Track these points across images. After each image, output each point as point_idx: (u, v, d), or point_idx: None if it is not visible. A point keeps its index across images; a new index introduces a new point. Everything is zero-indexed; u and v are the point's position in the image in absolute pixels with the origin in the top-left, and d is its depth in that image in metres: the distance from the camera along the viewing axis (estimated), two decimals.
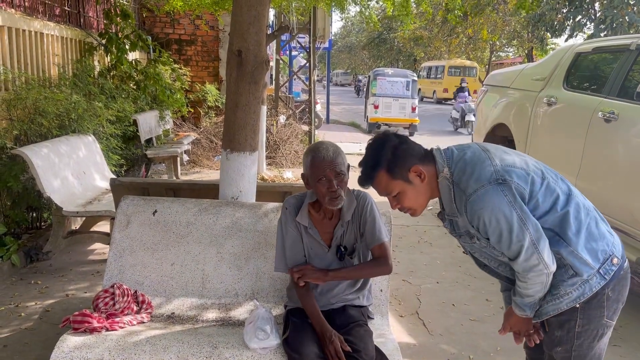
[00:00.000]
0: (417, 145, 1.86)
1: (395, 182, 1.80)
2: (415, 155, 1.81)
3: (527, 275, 1.71)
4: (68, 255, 4.39)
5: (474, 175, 1.72)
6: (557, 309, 1.76)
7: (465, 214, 1.75)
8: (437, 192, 1.83)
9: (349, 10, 32.82)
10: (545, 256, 1.67)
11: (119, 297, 2.36)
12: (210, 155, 8.80)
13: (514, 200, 1.67)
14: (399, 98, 14.62)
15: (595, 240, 1.73)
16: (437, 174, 1.81)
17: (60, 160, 4.29)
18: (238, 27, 2.74)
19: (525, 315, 1.82)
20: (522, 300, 1.80)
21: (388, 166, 1.78)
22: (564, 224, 1.72)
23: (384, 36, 40.13)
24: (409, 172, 1.79)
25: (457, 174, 1.77)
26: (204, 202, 2.74)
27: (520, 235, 1.66)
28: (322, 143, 2.18)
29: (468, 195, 1.71)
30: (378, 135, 1.88)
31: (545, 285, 1.73)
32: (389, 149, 1.79)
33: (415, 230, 5.56)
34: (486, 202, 1.68)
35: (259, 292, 2.60)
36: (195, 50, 10.11)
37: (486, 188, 1.68)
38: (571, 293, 1.73)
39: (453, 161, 1.80)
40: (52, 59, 5.68)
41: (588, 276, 1.71)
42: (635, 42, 4.27)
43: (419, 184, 1.80)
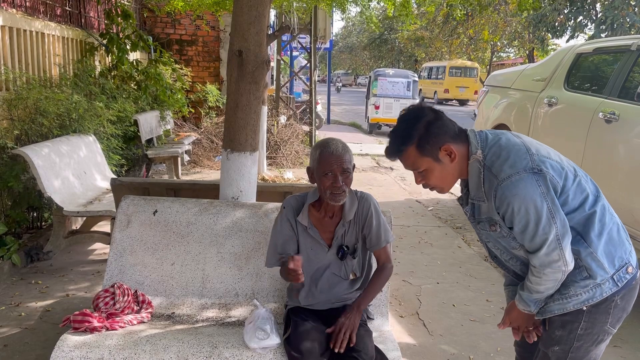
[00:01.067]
0: (452, 122, 1.78)
1: (424, 159, 1.75)
2: (448, 133, 1.74)
3: (543, 270, 1.67)
4: (68, 255, 4.39)
5: (508, 161, 1.67)
6: (564, 308, 1.74)
7: (493, 200, 1.69)
8: (466, 173, 1.78)
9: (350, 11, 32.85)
10: (567, 254, 1.64)
11: (119, 296, 2.36)
12: (211, 156, 8.80)
13: (547, 191, 1.63)
14: (400, 98, 14.63)
15: (614, 246, 1.71)
16: (469, 155, 1.75)
17: (61, 160, 4.30)
18: (239, 27, 2.74)
19: (529, 311, 1.80)
20: (529, 295, 1.77)
21: (419, 142, 1.72)
22: (588, 224, 1.69)
23: (385, 37, 40.14)
24: (440, 150, 1.72)
25: (490, 157, 1.71)
26: (205, 202, 2.75)
27: (547, 228, 1.62)
28: (331, 139, 2.18)
29: (500, 181, 1.65)
30: (414, 107, 1.80)
31: (558, 283, 1.70)
32: (423, 124, 1.72)
33: (416, 231, 5.56)
34: (519, 189, 1.62)
35: (259, 291, 2.60)
36: (196, 51, 10.12)
37: (521, 175, 1.63)
38: (581, 295, 1.70)
39: (487, 144, 1.74)
40: (53, 59, 5.69)
41: (601, 280, 1.68)
42: (636, 42, 4.27)
43: (448, 163, 1.74)
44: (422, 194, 7.44)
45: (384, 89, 14.78)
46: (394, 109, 14.59)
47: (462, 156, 1.76)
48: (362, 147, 11.60)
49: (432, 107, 1.79)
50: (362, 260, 2.31)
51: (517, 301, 1.82)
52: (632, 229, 3.79)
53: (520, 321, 1.86)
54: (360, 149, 11.32)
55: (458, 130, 1.78)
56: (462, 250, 5.02)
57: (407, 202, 6.86)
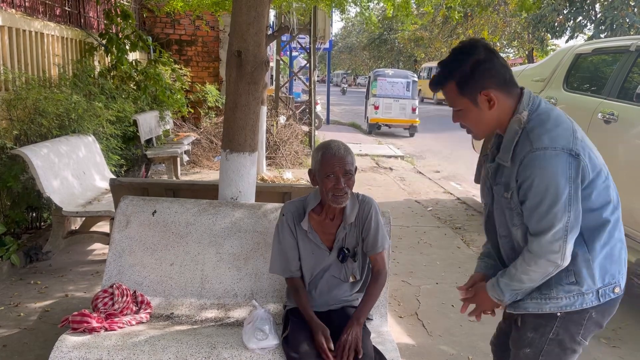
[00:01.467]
0: (505, 68, 1.67)
1: (462, 99, 1.68)
2: (495, 78, 1.64)
3: (538, 259, 1.59)
4: (68, 255, 4.39)
5: (551, 133, 1.57)
6: (540, 309, 1.68)
7: (518, 165, 1.60)
8: (504, 127, 1.68)
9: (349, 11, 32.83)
10: (568, 249, 1.57)
11: (118, 297, 2.36)
12: (210, 156, 8.80)
13: (575, 178, 1.55)
14: (399, 99, 14.64)
15: (611, 263, 1.66)
16: (513, 111, 1.66)
17: (60, 160, 4.29)
18: (238, 28, 2.74)
19: (500, 300, 1.73)
20: (508, 283, 1.68)
21: (460, 80, 1.65)
22: (597, 231, 1.63)
23: (384, 37, 40.16)
24: (479, 94, 1.64)
25: (535, 123, 1.61)
26: (203, 202, 2.74)
27: (560, 214, 1.54)
28: (333, 141, 2.17)
29: (535, 149, 1.56)
30: (469, 42, 1.70)
31: (544, 277, 1.63)
32: (470, 63, 1.63)
33: (415, 231, 5.56)
34: (549, 164, 1.54)
35: (258, 292, 2.60)
36: (195, 51, 10.12)
37: (557, 152, 1.54)
38: (561, 299, 1.65)
39: (536, 109, 1.64)
40: (52, 59, 5.69)
41: (586, 290, 1.63)
42: (635, 43, 4.27)
43: (485, 109, 1.66)
44: (422, 194, 7.45)
45: (383, 90, 14.80)
46: (394, 109, 14.61)
47: (504, 108, 1.66)
48: (362, 148, 11.61)
49: (488, 45, 1.68)
50: (362, 263, 2.31)
51: (491, 287, 1.74)
52: (631, 229, 3.79)
53: (487, 306, 1.80)
54: (360, 149, 11.33)
55: (509, 79, 1.67)
56: (461, 251, 5.02)
57: (406, 203, 6.86)
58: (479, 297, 1.81)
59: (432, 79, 1.74)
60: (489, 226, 1.85)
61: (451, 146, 13.07)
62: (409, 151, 12.08)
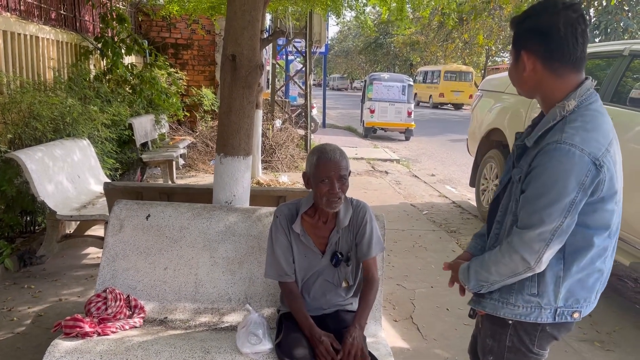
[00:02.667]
0: (571, 46, 1.50)
1: (512, 49, 1.61)
2: (544, 48, 1.51)
3: (513, 254, 1.52)
4: (62, 259, 4.37)
5: (587, 134, 1.46)
6: (495, 311, 1.65)
7: (539, 150, 1.51)
8: (547, 107, 1.58)
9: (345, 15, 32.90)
10: (546, 255, 1.49)
11: (111, 301, 2.36)
12: (206, 159, 8.79)
13: (587, 187, 1.46)
14: (395, 102, 14.66)
15: (581, 289, 1.59)
16: (560, 95, 1.54)
17: (55, 164, 4.28)
18: (232, 32, 2.74)
19: (465, 284, 1.70)
20: (478, 271, 1.64)
21: (516, 30, 1.58)
22: (580, 253, 1.55)
23: (380, 41, 40.31)
24: (520, 53, 1.56)
25: (577, 116, 1.50)
26: (198, 206, 2.74)
27: (555, 215, 1.45)
28: (329, 145, 2.17)
29: (562, 141, 1.45)
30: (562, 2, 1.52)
31: (511, 277, 1.56)
32: (540, 19, 1.51)
33: (411, 235, 5.56)
34: (568, 161, 1.44)
35: (252, 296, 2.59)
36: (191, 55, 10.12)
37: (582, 154, 1.44)
38: (518, 307, 1.61)
39: (588, 106, 1.52)
40: (47, 63, 5.68)
41: (545, 305, 1.58)
42: (628, 48, 4.30)
43: (521, 70, 1.58)
44: (417, 197, 7.45)
45: (379, 93, 14.82)
46: (389, 113, 14.63)
47: (546, 85, 1.56)
48: (358, 151, 11.62)
49: (571, 17, 1.49)
50: (355, 267, 2.31)
51: (462, 271, 1.71)
52: (625, 233, 3.81)
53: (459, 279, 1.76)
54: (356, 152, 11.34)
55: (569, 59, 1.51)
56: (456, 254, 4.98)
57: (401, 206, 6.86)
58: (455, 271, 1.79)
59: (516, 17, 1.62)
60: (494, 206, 1.77)
61: (447, 150, 13.11)
62: (404, 155, 12.10)
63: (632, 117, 3.91)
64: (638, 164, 3.75)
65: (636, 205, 3.70)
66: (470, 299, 1.75)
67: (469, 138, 6.97)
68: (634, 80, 4.25)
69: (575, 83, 1.55)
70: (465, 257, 1.83)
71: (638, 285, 4.60)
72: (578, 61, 1.53)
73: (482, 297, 1.69)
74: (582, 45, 1.51)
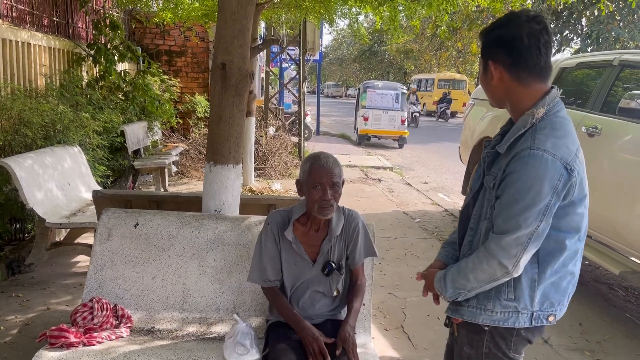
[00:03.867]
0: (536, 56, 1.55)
1: (481, 59, 1.65)
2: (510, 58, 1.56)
3: (491, 259, 1.53)
4: (51, 267, 4.33)
5: (557, 140, 1.51)
6: (473, 318, 1.66)
7: (512, 157, 1.54)
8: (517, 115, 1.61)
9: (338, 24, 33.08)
10: (523, 259, 1.52)
11: (97, 311, 2.33)
12: (199, 167, 8.77)
13: (560, 191, 1.50)
14: (389, 110, 14.71)
15: (555, 292, 1.62)
16: (528, 104, 1.58)
17: (45, 171, 4.26)
18: (222, 40, 2.75)
19: (441, 294, 1.69)
20: (455, 279, 1.63)
21: (483, 40, 1.62)
22: (553, 256, 1.58)
23: (374, 49, 40.50)
24: (487, 62, 1.60)
25: (546, 124, 1.54)
26: (186, 214, 2.73)
27: (531, 220, 1.49)
28: (322, 153, 2.18)
29: (534, 147, 1.49)
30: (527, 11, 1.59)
31: (489, 283, 1.57)
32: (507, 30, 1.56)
33: (402, 243, 5.56)
34: (540, 166, 1.48)
35: (240, 306, 2.58)
36: (185, 62, 10.12)
37: (554, 159, 1.48)
38: (496, 313, 1.62)
39: (555, 113, 1.57)
40: (39, 70, 5.66)
41: (522, 309, 1.60)
42: (618, 57, 4.34)
43: (490, 80, 1.62)
44: (409, 205, 7.46)
45: (373, 101, 14.87)
46: (383, 120, 14.68)
47: (511, 89, 1.60)
48: (351, 159, 11.63)
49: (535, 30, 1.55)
50: (345, 276, 2.31)
51: (437, 280, 1.70)
52: (614, 241, 3.82)
53: (432, 288, 1.76)
54: (349, 160, 11.35)
55: (534, 69, 1.57)
56: None
57: (394, 214, 6.87)
58: (428, 281, 1.78)
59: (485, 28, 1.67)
60: (465, 213, 1.79)
61: (439, 158, 13.15)
62: (397, 162, 12.12)
63: (622, 127, 3.93)
64: (627, 173, 3.77)
65: (625, 215, 3.72)
66: (447, 308, 1.75)
67: (462, 146, 6.99)
68: (624, 90, 4.28)
69: (541, 92, 1.60)
70: (436, 266, 1.83)
71: (628, 294, 4.61)
72: (543, 71, 1.59)
73: (459, 305, 1.69)
74: (545, 56, 1.57)
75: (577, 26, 20.60)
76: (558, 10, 19.04)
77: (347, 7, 6.91)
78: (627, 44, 19.15)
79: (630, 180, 3.74)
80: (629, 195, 3.73)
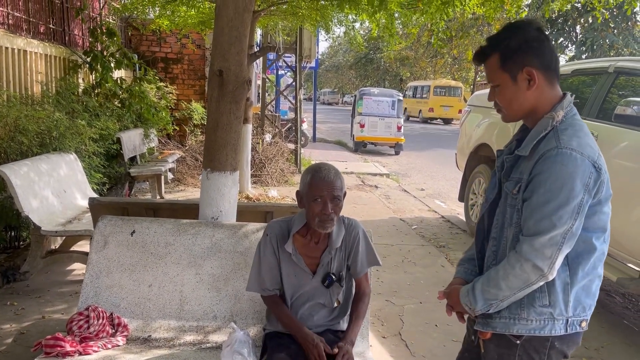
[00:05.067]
0: (552, 55, 1.59)
1: (501, 74, 1.60)
2: (540, 59, 1.56)
3: (524, 262, 1.49)
4: (46, 275, 4.30)
5: (581, 140, 1.51)
6: (507, 329, 1.59)
7: (537, 158, 1.52)
8: (535, 120, 1.61)
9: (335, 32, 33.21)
10: (558, 260, 1.48)
11: (93, 319, 2.31)
12: (195, 174, 8.75)
13: (591, 189, 1.48)
14: (385, 117, 14.74)
15: (586, 295, 1.59)
16: (549, 107, 1.59)
17: (40, 178, 4.23)
18: (219, 47, 2.75)
19: (471, 308, 1.61)
20: (484, 289, 1.58)
21: (504, 52, 1.58)
22: (583, 257, 1.55)
23: (370, 56, 40.66)
24: (521, 71, 1.57)
25: (566, 126, 1.54)
26: (183, 222, 2.71)
27: (565, 218, 1.46)
28: (324, 164, 2.13)
29: (561, 146, 1.48)
30: (522, 20, 1.66)
31: (524, 289, 1.52)
32: (519, 38, 1.57)
33: (400, 250, 5.55)
34: (571, 164, 1.46)
35: (238, 314, 2.56)
36: (181, 69, 10.13)
37: (582, 157, 1.47)
38: (531, 321, 1.57)
39: (574, 116, 1.58)
40: (35, 77, 5.65)
41: (557, 315, 1.56)
42: (613, 64, 4.36)
43: (523, 88, 1.58)
44: (406, 212, 7.46)
45: (369, 108, 14.90)
46: (379, 127, 14.71)
47: (544, 96, 1.59)
48: (348, 166, 11.63)
49: (541, 27, 1.61)
50: (347, 287, 2.28)
51: (464, 294, 1.64)
52: (611, 248, 3.82)
53: (458, 307, 1.69)
54: (346, 167, 11.35)
55: (555, 68, 1.60)
56: (445, 270, 5.01)
57: (391, 221, 6.86)
58: (452, 298, 1.72)
59: (476, 52, 1.67)
60: (481, 226, 1.76)
61: (436, 164, 13.17)
62: (394, 169, 12.13)
63: (618, 134, 3.95)
64: (623, 179, 3.78)
65: (622, 221, 3.72)
66: (475, 322, 1.66)
67: (458, 153, 7.00)
68: (619, 96, 4.30)
69: (559, 95, 1.61)
70: (457, 283, 1.76)
71: (626, 301, 4.61)
72: (558, 69, 1.62)
73: (489, 317, 1.62)
74: (556, 55, 1.62)
75: (572, 33, 20.75)
76: (553, 18, 19.17)
77: (343, 14, 6.93)
78: (621, 51, 19.30)
79: (626, 187, 3.74)
80: (625, 202, 3.74)
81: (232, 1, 2.70)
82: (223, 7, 2.72)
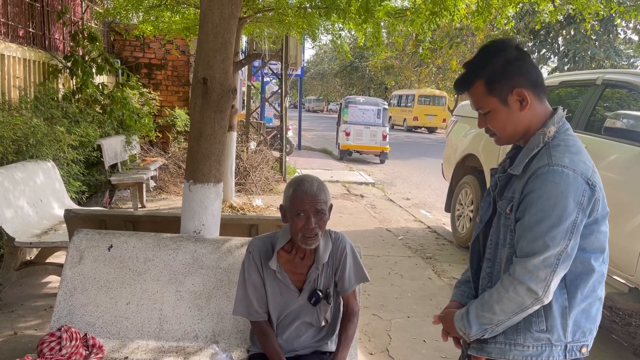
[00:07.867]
0: (536, 70, 1.56)
1: (490, 99, 1.55)
2: (527, 78, 1.53)
3: (518, 285, 1.43)
4: (20, 288, 4.13)
5: (574, 156, 1.46)
6: (502, 355, 1.53)
7: (529, 176, 1.47)
8: (527, 137, 1.56)
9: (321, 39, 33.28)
10: (553, 283, 1.42)
11: (66, 341, 2.18)
12: (178, 182, 8.59)
13: (585, 207, 1.43)
14: (370, 126, 14.74)
15: (586, 320, 1.52)
16: (541, 123, 1.55)
17: (15, 187, 4.07)
18: (204, 55, 2.64)
19: (465, 333, 1.55)
20: (479, 314, 1.52)
21: (490, 77, 1.53)
22: (582, 279, 1.49)
23: (355, 64, 40.78)
24: (511, 93, 1.52)
25: (560, 141, 1.50)
26: (164, 236, 2.59)
27: (558, 239, 1.40)
28: (307, 176, 2.01)
29: (553, 164, 1.43)
30: (498, 40, 1.59)
31: (518, 313, 1.46)
32: (500, 60, 1.53)
33: (386, 261, 5.47)
34: (563, 182, 1.41)
35: (220, 333, 2.44)
36: (165, 75, 9.98)
37: (575, 174, 1.42)
38: (528, 347, 1.50)
39: (566, 131, 1.53)
40: (12, 82, 5.47)
41: (555, 341, 1.49)
42: (601, 77, 4.35)
43: (516, 110, 1.54)
44: (392, 222, 7.39)
45: (354, 116, 14.89)
46: (365, 136, 14.70)
47: (536, 113, 1.55)
48: (333, 174, 11.56)
49: (520, 45, 1.57)
50: (334, 304, 2.17)
51: (459, 319, 1.58)
52: None
53: (453, 332, 1.63)
54: (331, 175, 11.28)
55: (541, 83, 1.56)
56: (432, 282, 4.94)
57: (377, 231, 6.78)
58: (447, 322, 1.65)
59: (457, 80, 1.62)
60: (476, 246, 1.71)
61: (421, 173, 13.16)
62: (379, 178, 12.08)
63: (606, 146, 3.92)
64: (611, 193, 3.75)
65: (611, 235, 3.67)
66: (470, 346, 1.60)
67: (444, 163, 6.97)
68: (607, 109, 4.29)
69: (549, 111, 1.58)
70: (453, 307, 1.70)
71: (612, 314, 4.58)
72: (544, 84, 1.58)
73: (484, 342, 1.56)
74: (539, 70, 1.58)
75: (554, 45, 21.04)
76: (535, 30, 19.42)
77: (329, 22, 6.88)
78: (602, 63, 19.60)
79: (615, 200, 3.71)
80: (614, 216, 3.70)
81: (218, 7, 2.60)
82: (208, 12, 2.62)
